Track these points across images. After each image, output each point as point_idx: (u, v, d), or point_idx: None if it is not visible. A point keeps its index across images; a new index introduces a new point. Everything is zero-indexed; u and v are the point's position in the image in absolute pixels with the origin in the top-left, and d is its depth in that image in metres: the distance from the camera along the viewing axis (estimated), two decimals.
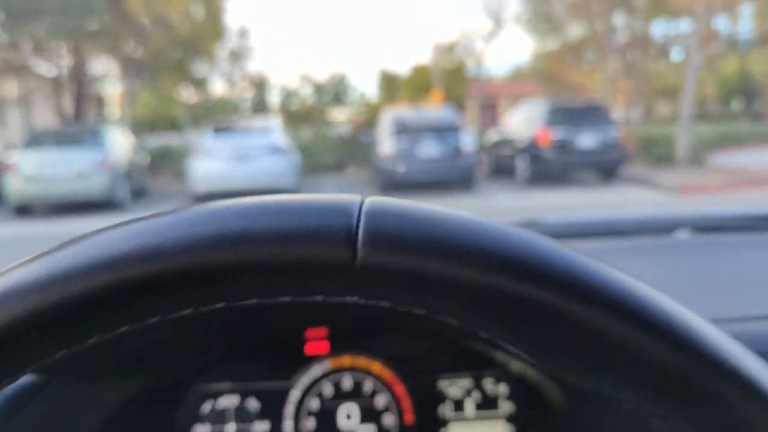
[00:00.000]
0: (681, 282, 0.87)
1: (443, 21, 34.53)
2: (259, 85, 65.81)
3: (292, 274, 0.31)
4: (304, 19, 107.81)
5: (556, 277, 0.31)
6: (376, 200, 0.34)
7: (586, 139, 11.31)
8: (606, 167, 11.68)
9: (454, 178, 11.39)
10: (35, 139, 11.11)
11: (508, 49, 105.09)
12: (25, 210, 10.44)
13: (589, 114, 11.78)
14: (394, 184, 11.08)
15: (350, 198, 0.34)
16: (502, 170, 13.15)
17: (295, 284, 0.32)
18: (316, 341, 0.67)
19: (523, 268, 0.31)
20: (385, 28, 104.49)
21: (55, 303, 0.31)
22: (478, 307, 0.32)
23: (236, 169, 10.67)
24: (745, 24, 15.90)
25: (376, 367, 0.67)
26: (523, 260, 0.31)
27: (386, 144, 10.97)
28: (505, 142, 12.85)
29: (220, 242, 0.31)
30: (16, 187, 10.11)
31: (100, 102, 27.83)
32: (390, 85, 41.86)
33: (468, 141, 11.17)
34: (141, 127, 38.90)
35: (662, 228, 1.19)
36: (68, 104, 21.31)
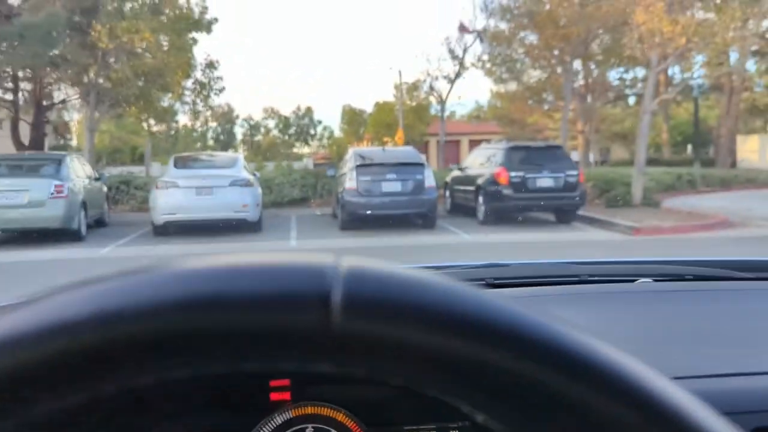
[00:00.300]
0: (644, 333, 0.88)
1: (408, 59, 34.84)
2: (224, 117, 65.65)
3: (263, 342, 0.30)
4: (270, 51, 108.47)
5: (544, 353, 0.31)
6: (353, 263, 0.32)
7: (546, 179, 11.55)
8: (565, 207, 11.92)
9: (416, 214, 11.48)
10: None
11: (471, 88, 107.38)
12: None
13: (549, 154, 12.06)
14: (356, 218, 11.10)
15: (324, 260, 0.32)
16: (462, 207, 13.30)
17: (266, 352, 0.31)
18: (280, 391, 0.66)
19: (509, 341, 0.31)
20: (350, 64, 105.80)
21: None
22: (459, 378, 0.31)
23: (198, 201, 10.56)
24: (697, 72, 16.60)
25: (340, 416, 0.66)
26: (509, 333, 0.31)
27: (350, 178, 11.02)
28: (466, 180, 13.03)
29: (186, 308, 0.30)
30: None
31: (58, 129, 27.33)
32: (354, 120, 42.17)
33: (430, 177, 11.31)
34: (102, 156, 38.30)
35: (625, 275, 1.20)
36: (24, 131, 20.84)
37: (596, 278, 1.18)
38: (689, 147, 35.53)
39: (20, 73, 19.32)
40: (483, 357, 0.30)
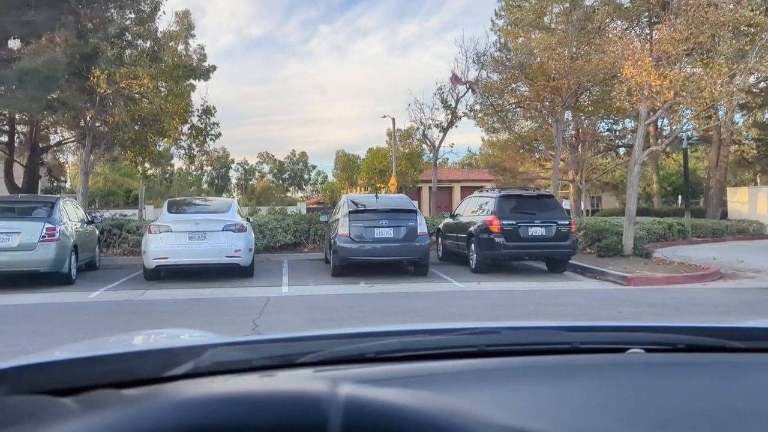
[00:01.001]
0: (635, 413, 0.86)
1: (401, 106, 35.09)
2: (219, 161, 66.03)
3: None
4: (266, 97, 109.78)
5: None
6: (351, 392, 0.33)
7: (538, 228, 11.61)
8: (557, 256, 11.95)
9: (408, 261, 11.48)
10: None
11: (463, 136, 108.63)
12: None
13: (541, 203, 12.15)
14: (349, 264, 11.08)
15: (321, 388, 0.33)
16: (454, 255, 13.32)
17: None
18: None
19: None
20: (345, 111, 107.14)
21: None
22: None
23: (190, 245, 10.54)
24: (686, 124, 16.88)
25: None
26: None
27: (342, 224, 11.05)
28: (458, 227, 13.09)
29: None
30: None
31: (53, 172, 27.37)
32: (347, 165, 42.51)
33: (422, 224, 11.35)
34: (95, 198, 38.27)
35: (616, 343, 1.19)
36: (18, 173, 20.88)
37: (587, 346, 1.18)
38: (679, 197, 35.90)
39: (17, 116, 19.49)
40: None
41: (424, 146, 26.00)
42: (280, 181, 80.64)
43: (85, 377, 0.96)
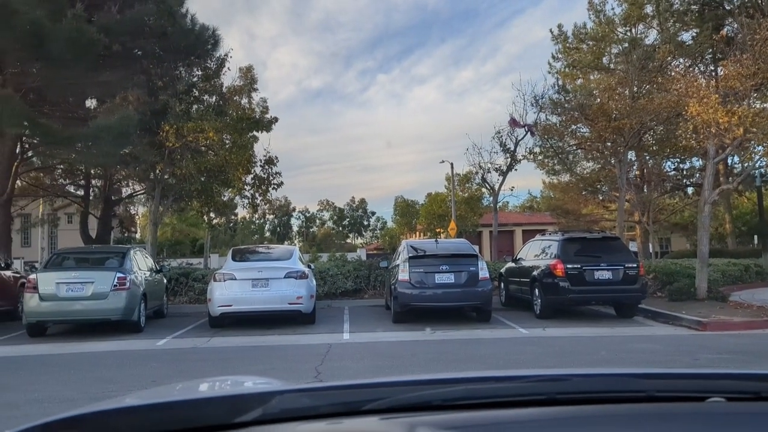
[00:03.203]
0: None
1: (460, 151, 35.20)
2: (281, 209, 67.45)
3: None
4: (325, 145, 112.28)
5: None
6: None
7: (604, 272, 11.25)
8: (626, 300, 11.51)
9: (470, 307, 11.28)
10: (56, 259, 11.31)
11: (524, 179, 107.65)
12: (39, 328, 10.42)
13: (606, 246, 11.79)
14: (410, 311, 10.98)
15: None
16: (517, 300, 13.03)
17: None
18: None
19: None
20: (403, 157, 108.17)
21: None
22: None
23: (254, 293, 10.70)
24: (758, 161, 16.22)
25: None
26: None
27: (402, 270, 11.00)
28: (521, 272, 12.83)
29: None
30: (32, 305, 10.16)
31: (124, 223, 28.57)
32: (406, 211, 42.66)
33: (484, 269, 11.17)
34: (164, 248, 39.63)
35: (694, 391, 1.12)
36: (92, 224, 21.89)
37: (663, 394, 1.11)
38: (755, 237, 34.26)
39: (92, 171, 20.56)
40: None
41: (484, 190, 25.91)
42: (340, 228, 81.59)
43: (159, 423, 0.99)
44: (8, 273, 12.80)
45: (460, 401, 1.08)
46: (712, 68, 22.22)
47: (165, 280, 13.59)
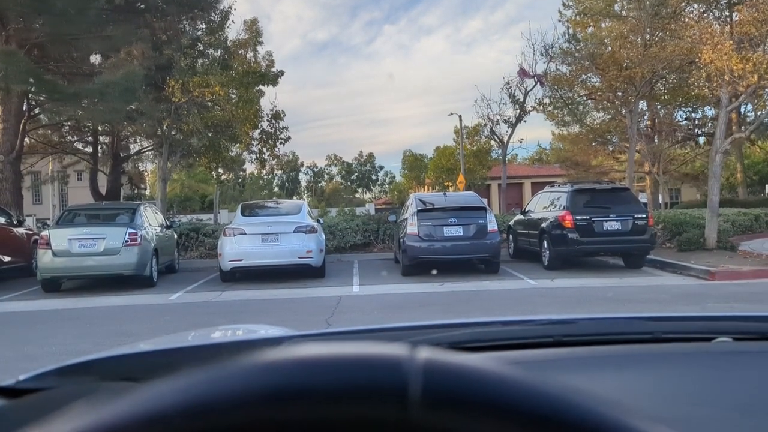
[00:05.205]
0: (724, 401, 0.82)
1: (468, 103, 34.87)
2: (289, 165, 67.45)
3: None
4: (332, 99, 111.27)
5: None
6: (430, 356, 0.33)
7: (613, 223, 11.23)
8: (635, 251, 11.53)
9: (479, 259, 11.33)
10: (67, 215, 11.41)
11: (533, 131, 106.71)
12: (53, 284, 10.59)
13: (616, 197, 11.74)
14: (418, 264, 11.05)
15: (400, 351, 0.33)
16: (526, 252, 13.07)
17: None
18: None
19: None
20: (411, 111, 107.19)
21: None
22: None
23: (264, 247, 10.78)
24: None
25: None
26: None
27: (411, 223, 11.03)
28: (530, 224, 12.83)
29: (272, 400, 0.31)
30: (46, 261, 10.31)
31: (133, 179, 28.67)
32: (415, 165, 42.48)
33: (492, 222, 11.17)
34: (173, 204, 39.83)
35: (702, 332, 1.12)
36: (102, 181, 21.99)
37: (671, 335, 1.11)
38: (767, 187, 33.99)
39: (99, 128, 20.52)
40: None
41: (493, 143, 25.70)
42: (349, 183, 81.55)
43: (171, 367, 1.00)
44: (21, 230, 12.94)
45: (468, 344, 1.09)
46: (727, 14, 21.64)
47: (176, 236, 13.69)
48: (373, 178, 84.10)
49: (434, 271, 10.84)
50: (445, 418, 0.30)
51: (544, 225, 11.83)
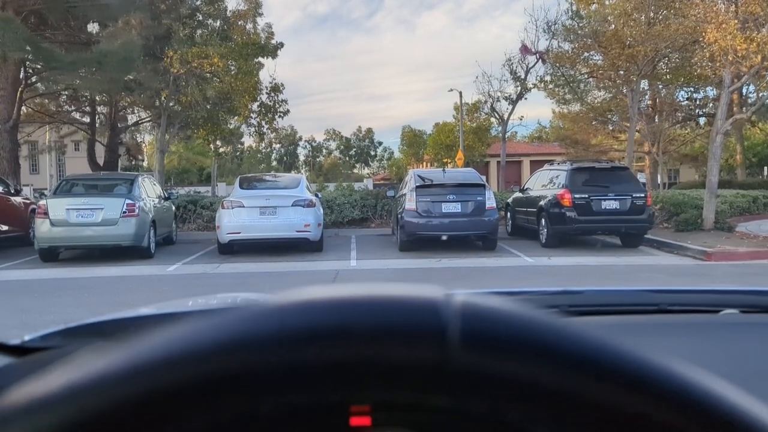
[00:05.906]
0: (732, 370, 0.82)
1: (468, 79, 34.48)
2: (288, 139, 67.18)
3: (382, 375, 0.31)
4: (332, 73, 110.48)
5: (660, 392, 0.32)
6: (466, 299, 0.33)
7: (611, 202, 11.24)
8: (632, 231, 11.55)
9: (477, 236, 11.35)
10: (65, 185, 11.37)
11: (533, 109, 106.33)
12: (51, 253, 10.59)
13: (615, 176, 11.74)
14: (416, 239, 11.07)
15: (436, 294, 0.33)
16: (524, 230, 13.09)
17: (383, 384, 0.31)
18: (360, 415, 0.65)
19: (624, 378, 0.31)
20: (411, 86, 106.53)
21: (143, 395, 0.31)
22: (574, 414, 0.31)
23: (262, 220, 10.78)
24: None
25: None
26: (625, 371, 0.31)
27: (409, 199, 11.01)
28: (528, 202, 12.83)
29: (310, 340, 0.30)
30: (43, 231, 10.30)
31: (131, 151, 28.54)
32: (414, 141, 42.33)
33: (491, 199, 11.17)
34: (171, 176, 39.75)
35: (708, 305, 1.12)
36: (99, 152, 21.87)
37: (677, 308, 1.11)
38: (765, 169, 33.99)
39: (97, 98, 20.36)
40: (593, 393, 0.31)
41: (493, 120, 25.59)
42: (347, 158, 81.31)
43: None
44: (18, 199, 12.91)
45: None
46: None
47: (173, 208, 13.67)
48: (372, 153, 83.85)
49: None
50: (484, 361, 0.30)
51: (542, 203, 11.83)
